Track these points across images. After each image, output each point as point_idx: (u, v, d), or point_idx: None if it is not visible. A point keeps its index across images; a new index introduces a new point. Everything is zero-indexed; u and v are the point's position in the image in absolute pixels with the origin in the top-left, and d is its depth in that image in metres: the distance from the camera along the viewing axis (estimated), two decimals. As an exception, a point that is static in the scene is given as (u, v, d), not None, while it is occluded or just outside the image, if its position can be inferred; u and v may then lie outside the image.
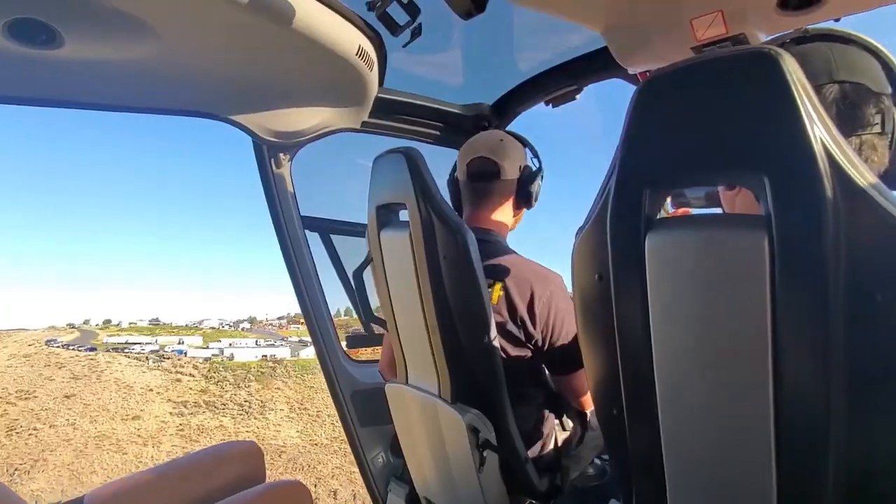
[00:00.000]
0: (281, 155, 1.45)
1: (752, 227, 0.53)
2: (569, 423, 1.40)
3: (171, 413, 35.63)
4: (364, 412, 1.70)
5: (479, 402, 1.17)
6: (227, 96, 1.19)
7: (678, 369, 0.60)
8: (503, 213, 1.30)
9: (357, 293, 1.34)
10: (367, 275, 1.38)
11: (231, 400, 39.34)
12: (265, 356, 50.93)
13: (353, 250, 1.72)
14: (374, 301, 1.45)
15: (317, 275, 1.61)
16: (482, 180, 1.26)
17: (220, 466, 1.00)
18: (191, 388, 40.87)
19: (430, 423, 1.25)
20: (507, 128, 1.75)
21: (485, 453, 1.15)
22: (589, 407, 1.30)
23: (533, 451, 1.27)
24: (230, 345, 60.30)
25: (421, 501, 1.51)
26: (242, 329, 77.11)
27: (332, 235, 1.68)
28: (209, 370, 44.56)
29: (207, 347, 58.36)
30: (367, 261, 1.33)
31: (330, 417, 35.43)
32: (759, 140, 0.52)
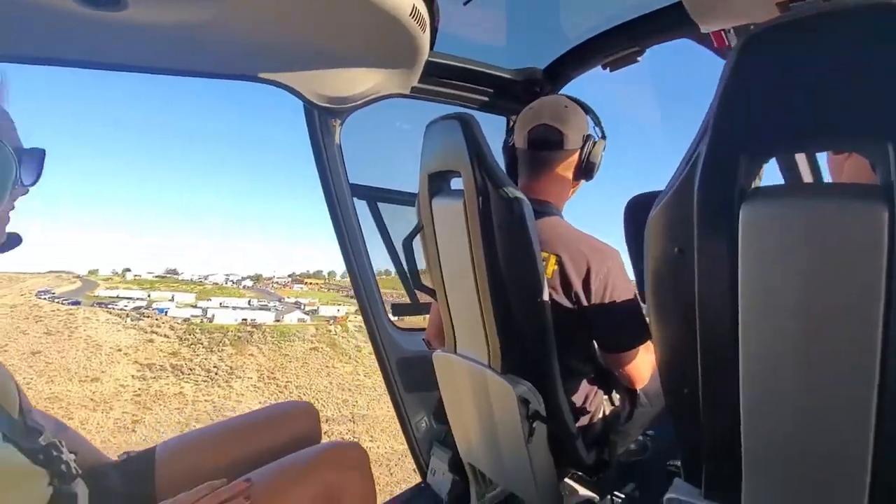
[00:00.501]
0: (331, 121, 1.43)
1: (868, 199, 0.48)
2: (616, 398, 1.38)
3: (133, 376, 33.69)
4: (408, 379, 1.73)
5: (529, 373, 1.16)
6: (282, 61, 1.18)
7: (768, 351, 0.56)
8: (561, 185, 1.26)
9: (406, 261, 1.33)
10: (414, 243, 1.37)
11: (200, 365, 37.35)
12: (245, 320, 48.85)
13: (399, 219, 1.72)
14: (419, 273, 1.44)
15: (364, 242, 1.62)
16: (543, 149, 1.21)
17: (281, 424, 1.04)
18: (161, 350, 38.97)
19: (478, 393, 1.25)
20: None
21: (534, 425, 1.15)
22: (639, 385, 1.27)
23: (581, 425, 1.26)
24: (221, 304, 58.21)
25: (465, 466, 1.54)
26: (244, 287, 75.33)
27: (378, 203, 1.68)
28: (186, 331, 42.81)
29: (196, 306, 56.43)
30: (417, 229, 1.31)
31: (298, 389, 34.74)
32: (884, 104, 0.47)
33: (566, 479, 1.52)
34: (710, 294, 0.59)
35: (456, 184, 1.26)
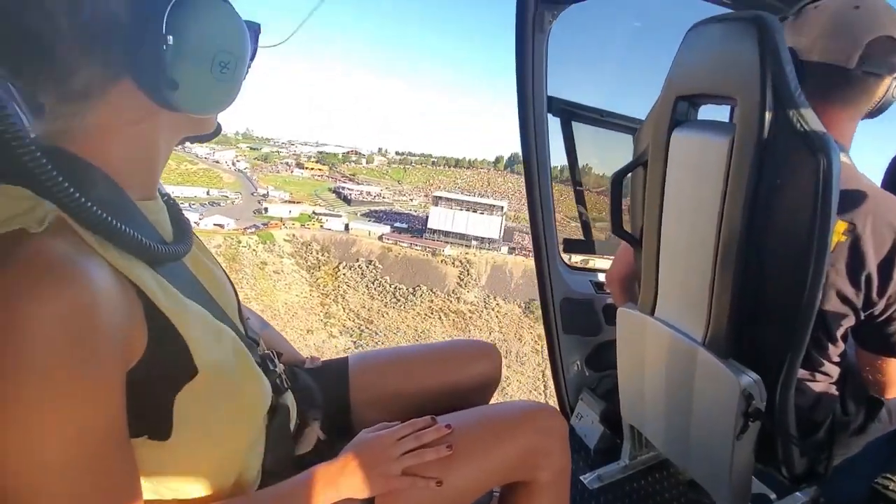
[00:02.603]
0: (546, 15, 1.17)
1: None
2: (850, 406, 1.11)
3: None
4: (568, 319, 1.60)
5: (758, 364, 0.94)
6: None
7: None
8: (852, 121, 0.91)
9: (611, 199, 1.11)
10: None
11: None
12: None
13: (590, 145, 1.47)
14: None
15: (550, 167, 1.41)
16: (874, 72, 0.85)
17: (465, 362, 0.99)
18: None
19: (678, 368, 1.08)
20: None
21: (750, 422, 0.96)
22: (892, 395, 1.00)
23: (802, 430, 1.04)
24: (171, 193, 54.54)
25: (622, 425, 1.43)
26: (235, 170, 65.69)
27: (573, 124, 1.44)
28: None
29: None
30: (637, 162, 1.08)
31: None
32: None
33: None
34: None
35: (707, 113, 0.98)
